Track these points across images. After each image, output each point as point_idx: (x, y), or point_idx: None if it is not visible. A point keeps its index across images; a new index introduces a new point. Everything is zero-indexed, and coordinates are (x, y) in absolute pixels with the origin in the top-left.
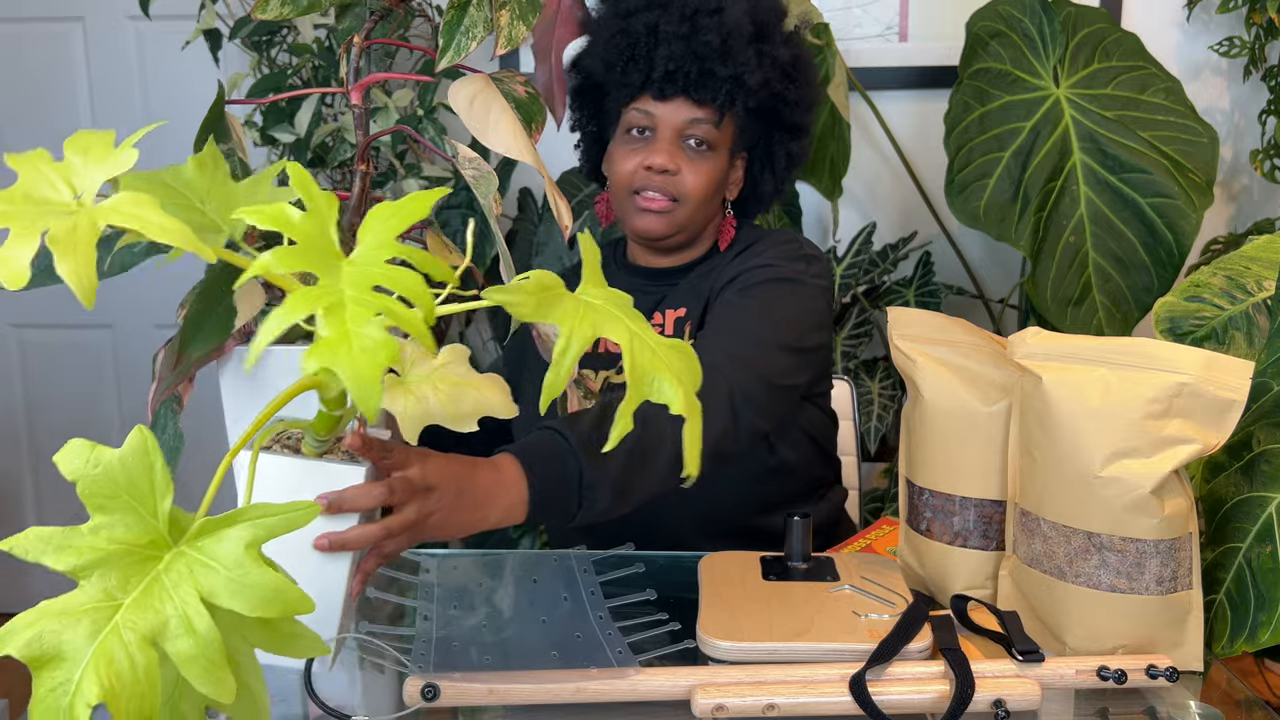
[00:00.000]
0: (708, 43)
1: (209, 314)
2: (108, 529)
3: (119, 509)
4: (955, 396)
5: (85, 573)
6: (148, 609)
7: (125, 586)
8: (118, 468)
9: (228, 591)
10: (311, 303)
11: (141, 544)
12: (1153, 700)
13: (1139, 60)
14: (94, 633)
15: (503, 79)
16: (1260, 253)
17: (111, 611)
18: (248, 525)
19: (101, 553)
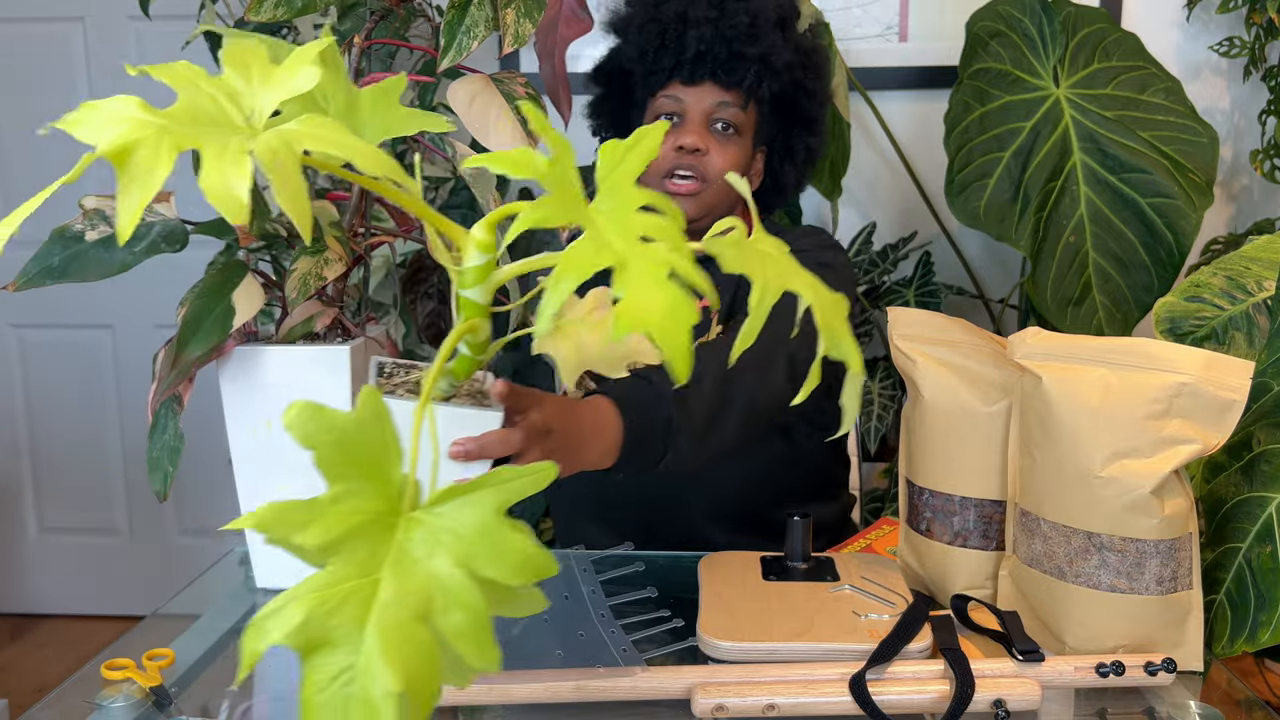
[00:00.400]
0: (736, 25)
1: (208, 313)
2: (347, 498)
3: (356, 476)
4: (955, 396)
5: (335, 548)
6: (409, 584)
7: (374, 560)
8: (352, 433)
9: (486, 559)
10: (592, 261)
11: (381, 512)
12: (1152, 700)
13: (1139, 60)
14: (361, 614)
15: (503, 79)
16: (1260, 253)
17: (371, 589)
18: (494, 490)
19: (348, 525)
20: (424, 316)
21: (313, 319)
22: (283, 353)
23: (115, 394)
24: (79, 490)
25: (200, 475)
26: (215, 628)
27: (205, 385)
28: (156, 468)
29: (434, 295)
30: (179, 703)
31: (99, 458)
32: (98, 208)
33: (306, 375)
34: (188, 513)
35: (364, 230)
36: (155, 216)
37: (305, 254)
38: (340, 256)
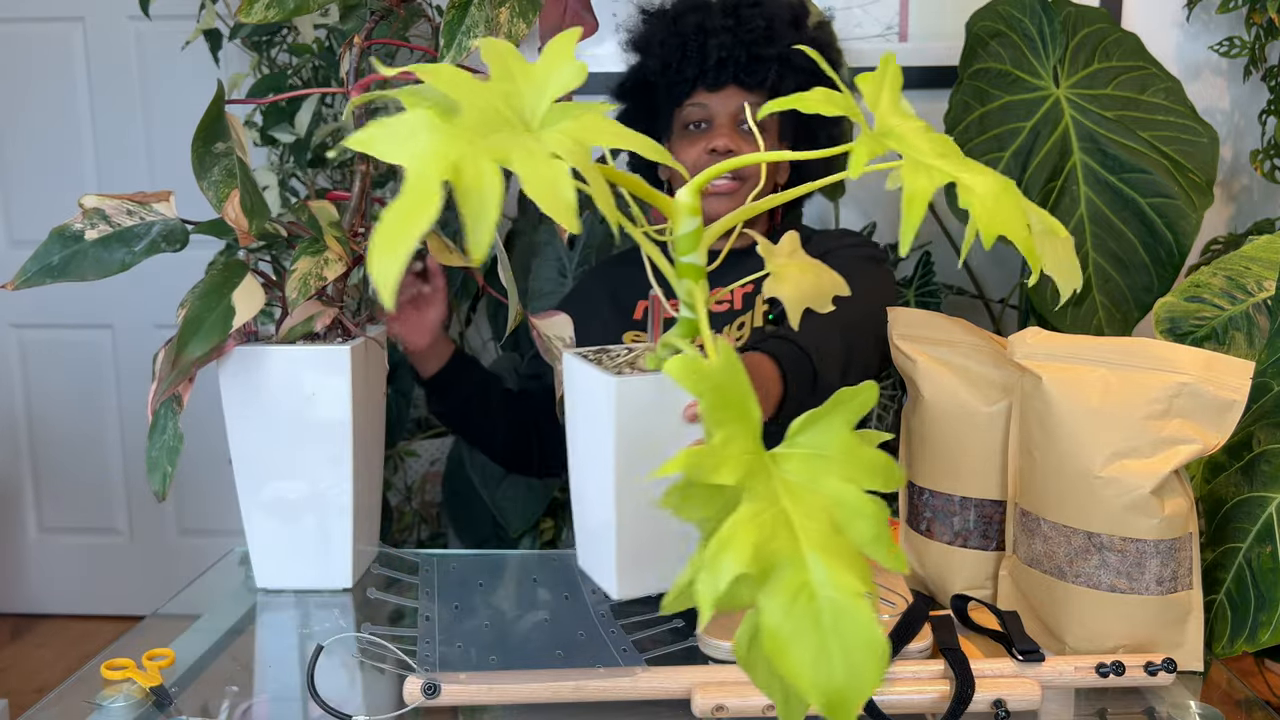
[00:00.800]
0: (753, 29)
1: (208, 313)
2: (733, 441)
3: (732, 420)
4: (955, 396)
5: (746, 483)
6: (810, 506)
7: (773, 491)
8: (723, 382)
9: (859, 472)
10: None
11: (756, 450)
12: (1152, 700)
13: (1139, 60)
14: (792, 536)
15: None
16: (1260, 253)
17: (784, 515)
18: (839, 412)
19: (746, 464)
20: None
21: (313, 319)
22: (283, 353)
23: (115, 394)
24: (79, 490)
25: (200, 475)
26: (215, 628)
27: (205, 385)
28: (156, 468)
29: None
30: (179, 703)
31: (99, 458)
32: (97, 207)
33: (307, 375)
34: (188, 513)
35: (364, 230)
36: (155, 216)
37: (305, 254)
38: (340, 256)
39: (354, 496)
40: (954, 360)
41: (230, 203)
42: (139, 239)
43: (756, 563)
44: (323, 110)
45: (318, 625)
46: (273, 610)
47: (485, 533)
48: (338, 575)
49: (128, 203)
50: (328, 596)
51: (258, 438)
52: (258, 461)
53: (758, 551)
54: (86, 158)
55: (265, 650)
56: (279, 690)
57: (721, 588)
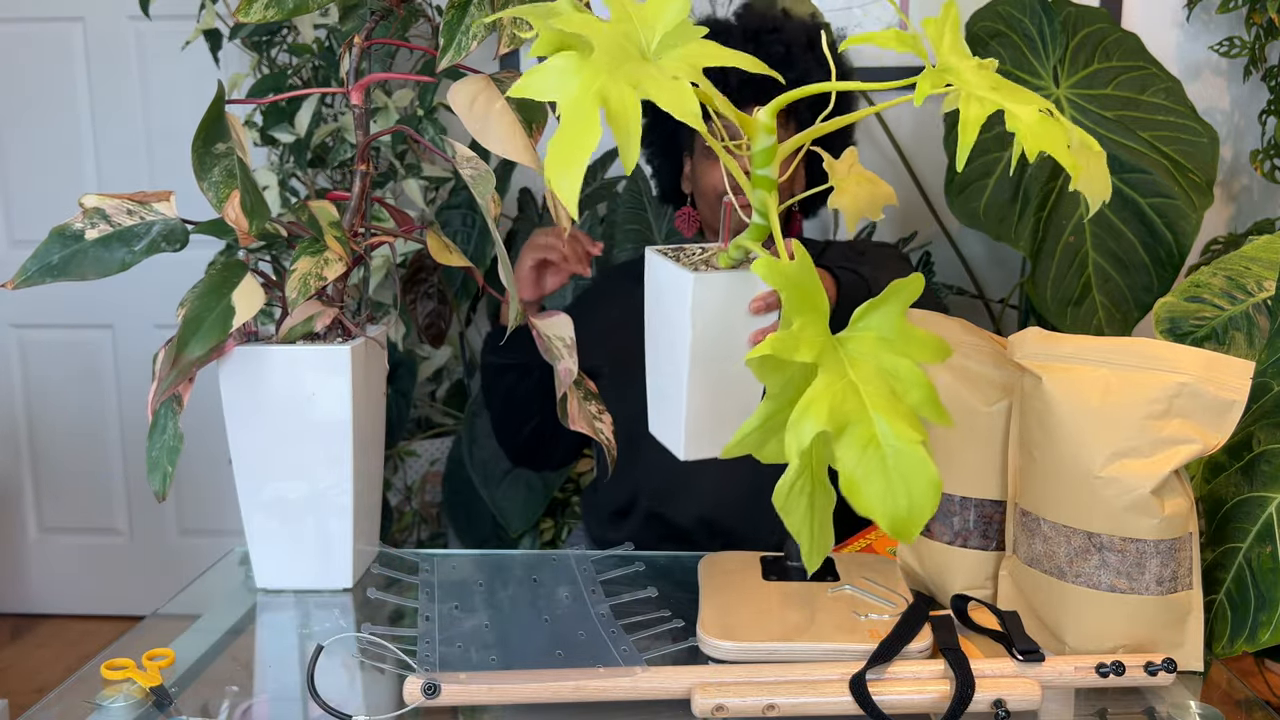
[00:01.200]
0: (773, 54)
1: (208, 313)
2: (809, 326)
3: (807, 309)
4: (955, 396)
5: (821, 359)
6: (873, 378)
7: (842, 366)
8: (798, 277)
9: (913, 349)
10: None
11: (827, 334)
12: (1152, 700)
13: (1139, 60)
14: (860, 400)
15: (503, 80)
16: (1260, 253)
17: (853, 384)
18: (890, 303)
19: (820, 344)
20: (424, 316)
21: (313, 319)
22: (283, 353)
23: (115, 394)
24: (79, 490)
25: (200, 475)
26: (215, 628)
27: (205, 385)
28: (156, 468)
29: (434, 295)
30: (179, 703)
31: (99, 458)
32: (97, 206)
33: (307, 375)
34: (188, 513)
35: (364, 230)
36: (155, 216)
37: (305, 254)
38: (340, 256)
39: (354, 496)
40: (954, 360)
41: (230, 203)
42: (139, 239)
43: (833, 422)
44: (323, 110)
45: (318, 625)
46: (273, 610)
47: (485, 533)
48: (338, 575)
49: (128, 202)
50: (328, 596)
51: (258, 438)
52: (258, 461)
53: (833, 413)
54: (86, 158)
55: (265, 650)
56: (279, 690)
57: (805, 442)
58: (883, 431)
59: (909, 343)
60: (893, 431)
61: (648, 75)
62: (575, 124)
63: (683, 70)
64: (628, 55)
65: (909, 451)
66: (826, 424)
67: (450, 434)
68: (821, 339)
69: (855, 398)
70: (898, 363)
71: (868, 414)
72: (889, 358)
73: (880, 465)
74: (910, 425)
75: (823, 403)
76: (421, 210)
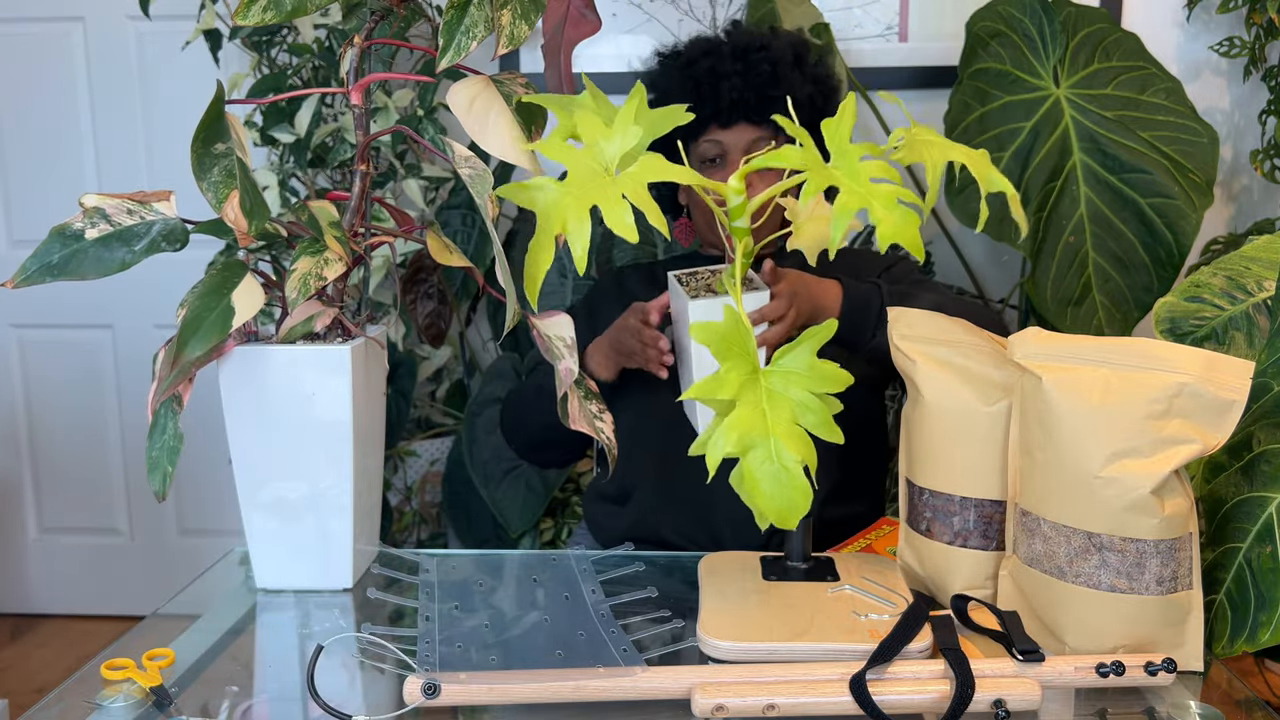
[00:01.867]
0: (761, 73)
1: (208, 313)
2: (734, 369)
3: (734, 355)
4: (955, 396)
5: (740, 395)
6: (780, 407)
7: (757, 398)
8: (727, 331)
9: (813, 382)
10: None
11: (751, 371)
12: (1153, 700)
13: (1139, 60)
14: (764, 427)
15: (504, 81)
16: (1260, 253)
17: (762, 413)
18: (805, 344)
19: (740, 383)
20: (424, 316)
21: (313, 319)
22: (283, 353)
23: (115, 394)
24: (79, 490)
25: (200, 475)
26: (215, 628)
27: (205, 385)
28: (156, 468)
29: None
30: (179, 703)
31: (99, 458)
32: (98, 206)
33: (307, 375)
34: (188, 513)
35: (364, 230)
36: (155, 216)
37: (305, 254)
38: (340, 256)
39: (354, 496)
40: (954, 360)
41: (230, 203)
42: (139, 238)
43: (742, 443)
44: (323, 110)
45: (318, 625)
46: (273, 610)
47: (485, 533)
48: (338, 575)
49: (128, 202)
50: (328, 596)
51: (257, 438)
52: (258, 461)
53: (742, 437)
54: (86, 158)
55: (265, 650)
56: (279, 690)
57: (719, 457)
58: (777, 451)
59: (815, 377)
60: (784, 452)
61: (600, 195)
62: (541, 241)
63: (631, 188)
64: (592, 174)
65: (793, 469)
66: (737, 446)
67: (450, 434)
68: (744, 378)
69: (762, 425)
70: (803, 395)
71: (769, 437)
72: (796, 390)
73: (773, 476)
74: (799, 447)
75: (734, 430)
76: (421, 210)
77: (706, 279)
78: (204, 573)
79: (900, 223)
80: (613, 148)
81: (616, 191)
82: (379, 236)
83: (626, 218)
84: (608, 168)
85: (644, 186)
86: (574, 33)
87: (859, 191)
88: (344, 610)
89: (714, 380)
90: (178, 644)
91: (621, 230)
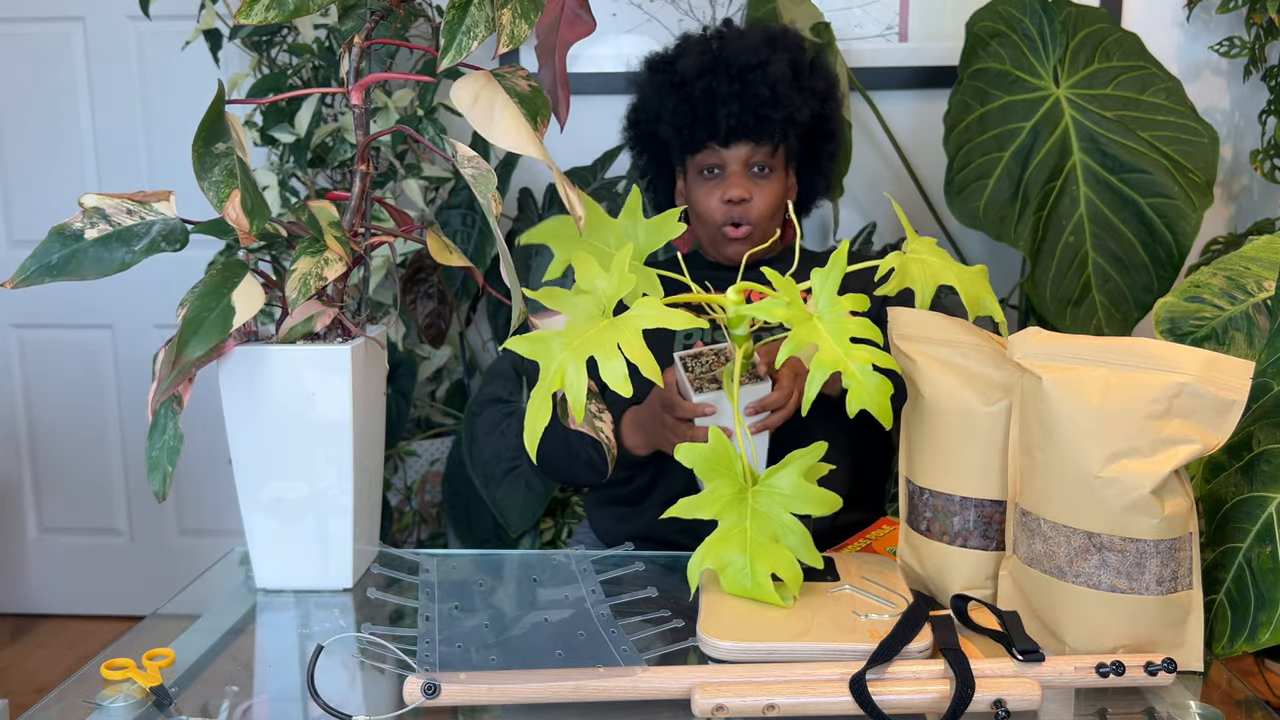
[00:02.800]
0: (759, 95)
1: (208, 313)
2: (719, 487)
3: (719, 475)
4: (955, 396)
5: (723, 513)
6: (763, 526)
7: (742, 515)
8: (712, 453)
9: (797, 503)
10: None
11: (738, 489)
12: (1153, 700)
13: (1139, 60)
14: (743, 547)
15: (505, 75)
16: (1260, 253)
17: (744, 532)
18: (794, 465)
19: (725, 500)
20: (424, 316)
21: (313, 319)
22: (283, 353)
23: (115, 394)
24: (79, 490)
25: (200, 475)
26: (215, 628)
27: (206, 385)
28: (156, 468)
29: (434, 295)
30: (179, 703)
31: (99, 458)
32: (97, 206)
33: (306, 375)
34: (188, 513)
35: (364, 230)
36: (155, 216)
37: (305, 254)
38: (340, 256)
39: (354, 496)
40: (954, 360)
41: (231, 203)
42: (139, 238)
43: (719, 562)
44: (323, 110)
45: (318, 625)
46: (273, 610)
47: (485, 533)
48: (338, 575)
49: (128, 202)
50: (328, 596)
51: (257, 438)
52: (258, 461)
53: (719, 558)
54: (86, 158)
55: (265, 650)
56: (279, 690)
57: (698, 576)
58: (755, 572)
59: (804, 498)
60: (760, 572)
61: (595, 345)
62: (540, 397)
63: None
64: (590, 319)
65: (765, 585)
66: (714, 564)
67: (450, 434)
68: (728, 497)
69: (741, 544)
70: (785, 517)
71: (747, 558)
72: (782, 512)
73: (744, 589)
74: (775, 566)
75: (714, 550)
76: (421, 210)
77: (710, 362)
78: (204, 573)
79: (873, 391)
80: (609, 294)
81: (612, 341)
82: (379, 236)
83: (620, 368)
84: (604, 309)
85: (639, 334)
86: (568, 33)
87: (837, 354)
88: (344, 610)
89: (698, 500)
90: (178, 644)
91: (616, 383)
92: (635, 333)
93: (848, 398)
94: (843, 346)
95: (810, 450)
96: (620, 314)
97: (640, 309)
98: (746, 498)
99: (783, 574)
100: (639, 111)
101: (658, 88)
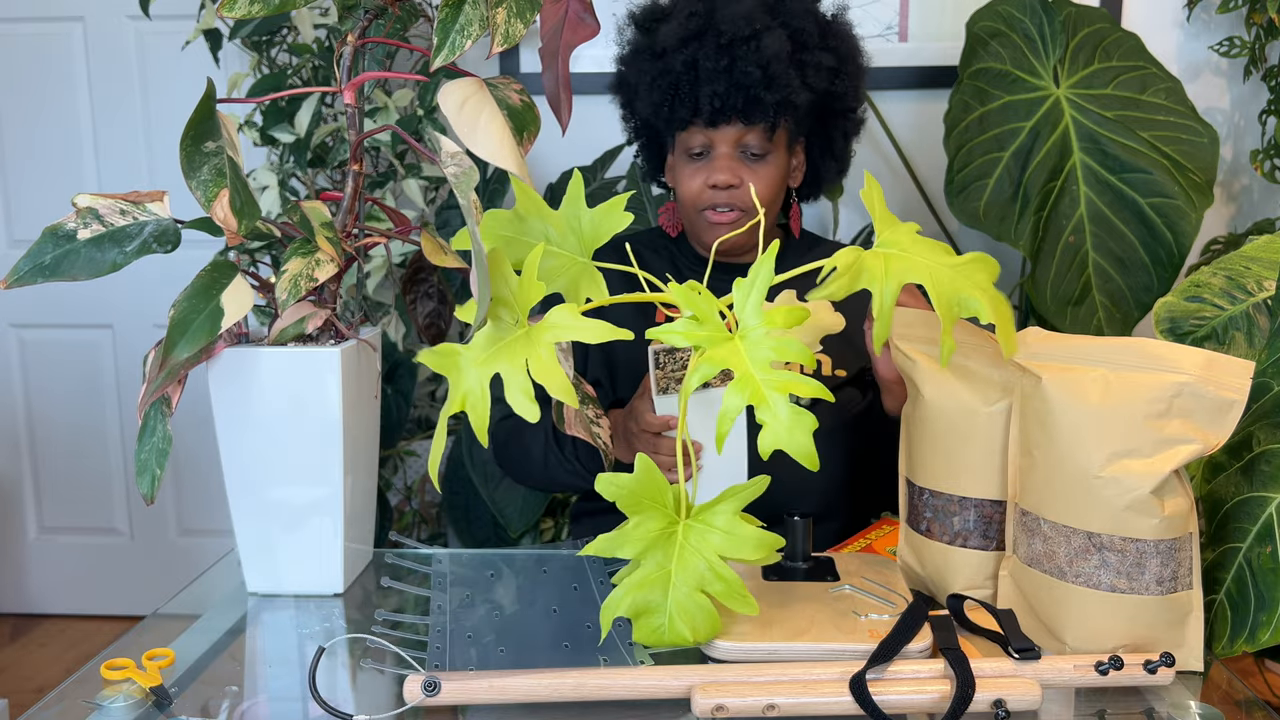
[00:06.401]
0: (749, 73)
1: (196, 315)
2: (642, 524)
3: (644, 509)
4: (955, 396)
5: (644, 555)
6: (689, 570)
7: (667, 557)
8: (636, 486)
9: (731, 546)
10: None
11: (666, 525)
12: (1152, 700)
13: (1139, 60)
14: (664, 592)
15: (498, 85)
16: (1260, 253)
17: (667, 577)
18: (730, 502)
19: (647, 540)
20: (424, 316)
21: (304, 320)
22: (272, 355)
23: (115, 394)
24: (79, 490)
25: (200, 475)
26: (215, 628)
27: (205, 384)
28: (145, 470)
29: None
30: (179, 703)
31: (99, 458)
32: (90, 206)
33: (296, 377)
34: (188, 513)
35: (357, 231)
36: (148, 216)
37: (296, 255)
38: (332, 257)
39: (345, 500)
40: (954, 360)
41: (219, 202)
42: (131, 239)
43: (634, 609)
44: (322, 110)
45: (317, 625)
46: (272, 610)
47: (485, 533)
48: (328, 580)
49: (121, 202)
50: (328, 597)
51: (248, 441)
52: (248, 465)
53: (634, 603)
54: (86, 158)
55: (265, 650)
56: (279, 690)
57: (609, 623)
58: (673, 623)
59: (734, 538)
60: (678, 624)
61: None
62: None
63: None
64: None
65: (683, 635)
66: (628, 611)
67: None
68: (654, 534)
69: (662, 590)
70: (714, 560)
71: (666, 607)
72: (711, 554)
73: (659, 643)
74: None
75: (629, 595)
76: (421, 210)
77: (684, 360)
78: (204, 573)
79: (788, 427)
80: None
81: (521, 356)
82: (372, 237)
83: (557, 374)
84: (518, 320)
85: (551, 349)
86: (572, 36)
87: (754, 384)
88: (343, 611)
89: (617, 536)
90: (177, 644)
91: (554, 387)
92: (547, 347)
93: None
94: (763, 372)
95: (748, 486)
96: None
97: (555, 318)
98: (675, 534)
99: (702, 627)
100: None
101: (636, 55)
